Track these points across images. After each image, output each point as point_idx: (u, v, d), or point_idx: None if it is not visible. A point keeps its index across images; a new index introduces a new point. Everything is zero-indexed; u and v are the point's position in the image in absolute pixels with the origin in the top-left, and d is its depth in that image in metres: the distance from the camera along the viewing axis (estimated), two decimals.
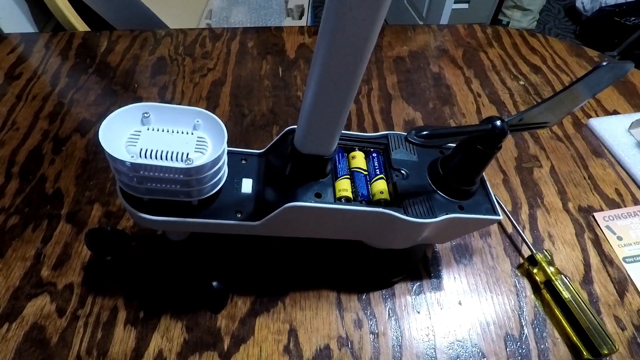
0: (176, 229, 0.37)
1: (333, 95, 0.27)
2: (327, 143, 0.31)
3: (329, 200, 0.34)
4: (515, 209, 0.53)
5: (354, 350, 0.40)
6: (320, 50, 0.25)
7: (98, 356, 0.39)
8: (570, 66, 0.75)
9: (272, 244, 0.46)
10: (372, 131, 0.61)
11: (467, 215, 0.36)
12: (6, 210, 0.49)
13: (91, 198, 0.50)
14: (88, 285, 0.43)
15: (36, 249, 0.45)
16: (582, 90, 0.30)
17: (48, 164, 0.54)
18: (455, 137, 0.32)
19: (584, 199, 0.54)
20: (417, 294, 0.44)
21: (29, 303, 0.41)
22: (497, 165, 0.58)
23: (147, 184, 0.31)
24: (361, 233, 0.38)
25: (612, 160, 0.59)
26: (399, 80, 0.71)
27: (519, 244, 0.49)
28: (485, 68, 0.74)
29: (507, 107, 0.67)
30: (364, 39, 0.23)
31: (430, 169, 0.37)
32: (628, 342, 0.42)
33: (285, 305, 0.43)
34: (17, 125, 0.59)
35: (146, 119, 0.32)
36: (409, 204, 0.35)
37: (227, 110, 0.63)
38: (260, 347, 0.40)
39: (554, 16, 2.41)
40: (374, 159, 0.38)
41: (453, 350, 0.41)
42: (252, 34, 0.78)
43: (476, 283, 0.46)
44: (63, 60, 0.71)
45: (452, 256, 0.48)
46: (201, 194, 0.32)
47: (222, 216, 0.34)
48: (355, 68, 0.25)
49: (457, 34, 0.82)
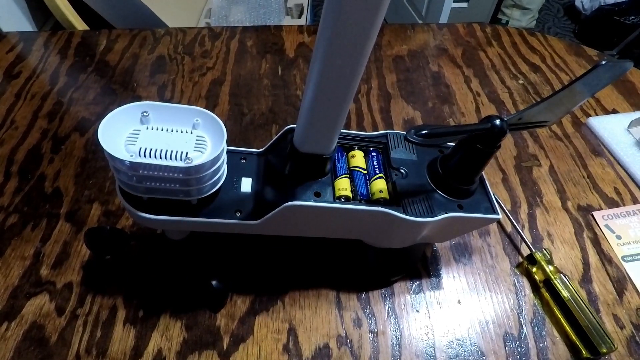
0: (175, 228, 0.37)
1: (332, 94, 0.27)
2: (326, 142, 0.31)
3: (328, 200, 0.34)
4: (515, 208, 0.53)
5: (353, 349, 0.40)
6: (320, 49, 0.25)
7: (97, 355, 0.39)
8: (569, 65, 0.75)
9: (272, 243, 0.46)
10: (371, 130, 0.61)
11: (466, 214, 0.36)
12: (5, 209, 0.49)
13: (90, 197, 0.50)
14: (87, 284, 0.43)
15: (35, 248, 0.45)
16: (581, 89, 0.31)
17: (47, 163, 0.54)
18: (455, 136, 0.32)
19: (583, 198, 0.54)
20: (417, 293, 0.45)
21: (28, 302, 0.41)
22: (496, 164, 0.58)
23: (147, 183, 0.31)
24: (360, 232, 0.38)
25: (611, 159, 0.59)
26: (398, 79, 0.71)
27: (518, 243, 0.49)
28: (484, 67, 0.74)
29: (507, 106, 0.67)
30: (364, 38, 0.23)
31: (430, 168, 0.37)
32: (627, 341, 0.42)
33: (285, 304, 0.43)
34: (16, 124, 0.59)
35: (145, 118, 0.32)
36: (408, 203, 0.35)
37: (226, 109, 0.63)
38: (260, 346, 0.40)
39: (553, 15, 2.41)
40: (374, 158, 0.38)
41: (452, 349, 0.41)
42: (252, 33, 0.78)
43: (475, 282, 0.46)
44: (62, 59, 0.70)
45: (451, 255, 0.48)
46: (200, 193, 0.32)
47: (222, 215, 0.34)
48: (354, 67, 0.25)
49: (457, 33, 0.82)
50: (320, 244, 0.40)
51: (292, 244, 0.46)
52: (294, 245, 0.46)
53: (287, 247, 0.46)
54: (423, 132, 0.30)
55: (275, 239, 0.39)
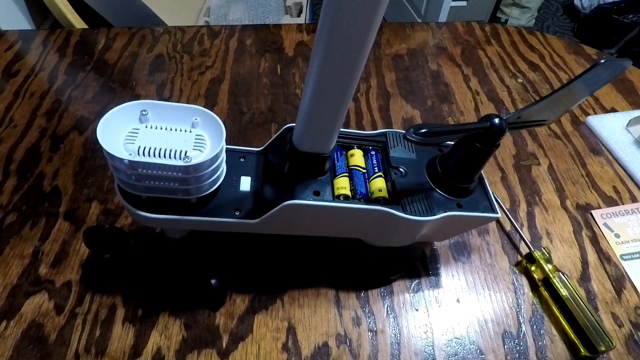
0: (175, 227, 0.37)
1: (331, 93, 0.27)
2: (325, 141, 0.31)
3: (328, 199, 0.34)
4: (514, 206, 0.53)
5: (352, 347, 0.40)
6: (319, 47, 0.24)
7: (96, 354, 0.39)
8: (568, 64, 0.75)
9: (271, 242, 0.46)
10: (370, 129, 0.61)
11: (465, 213, 0.36)
12: (4, 208, 0.49)
13: (89, 196, 0.50)
14: (86, 283, 0.43)
15: (34, 247, 0.45)
16: (580, 88, 0.31)
17: (46, 162, 0.54)
18: (454, 135, 0.32)
19: (581, 197, 0.54)
20: (416, 292, 0.45)
21: (27, 301, 0.41)
22: (495, 163, 0.58)
23: (146, 181, 0.31)
24: (359, 231, 0.38)
25: (610, 158, 0.59)
26: (397, 78, 0.71)
27: (517, 241, 0.49)
28: (483, 66, 0.74)
29: (506, 105, 0.67)
30: (363, 36, 0.23)
31: (429, 167, 0.37)
32: (625, 339, 0.42)
33: (284, 303, 0.43)
34: (14, 123, 0.59)
35: (144, 117, 0.32)
36: (408, 202, 0.35)
37: (225, 108, 0.63)
38: (259, 344, 0.40)
39: (552, 14, 2.41)
40: (373, 157, 0.38)
41: (451, 348, 0.41)
42: (251, 32, 0.78)
43: (474, 281, 0.46)
44: (61, 57, 0.70)
45: (450, 254, 0.48)
46: (199, 191, 0.32)
47: (221, 214, 0.34)
48: (353, 66, 0.25)
49: (456, 31, 0.82)
50: (319, 242, 0.40)
51: (291, 243, 0.46)
52: (293, 244, 0.46)
53: (287, 245, 0.46)
54: (422, 130, 0.30)
55: (275, 238, 0.39)
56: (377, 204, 0.34)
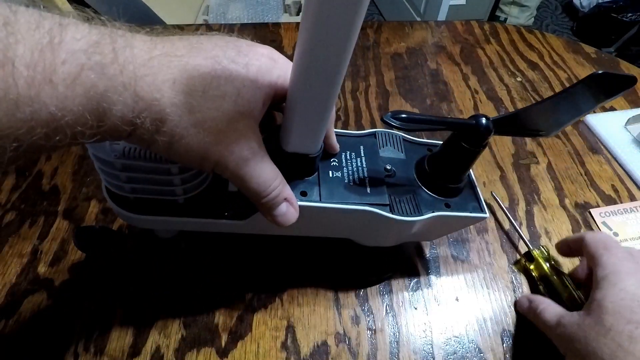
0: (163, 228, 0.37)
1: (315, 92, 0.26)
2: (311, 142, 0.31)
3: (315, 199, 0.33)
4: (512, 205, 0.53)
5: (351, 346, 0.40)
6: (302, 44, 0.24)
7: (95, 353, 0.39)
8: (567, 62, 0.75)
9: (271, 242, 0.46)
10: (369, 128, 0.61)
11: (453, 213, 0.36)
12: (2, 207, 0.48)
13: (88, 195, 0.50)
14: (85, 281, 0.43)
15: (33, 246, 0.45)
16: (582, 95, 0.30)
17: (44, 160, 0.54)
18: (433, 125, 0.32)
19: (580, 195, 0.54)
20: (414, 290, 0.45)
21: (25, 300, 0.41)
22: (494, 161, 0.58)
23: (132, 183, 0.31)
24: (348, 231, 0.38)
25: (609, 157, 0.59)
26: (396, 76, 0.71)
27: (516, 240, 0.49)
28: (482, 64, 0.74)
29: (505, 104, 0.67)
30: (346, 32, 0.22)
31: (418, 167, 0.37)
32: None
33: (283, 301, 0.43)
34: None
35: None
36: (396, 202, 0.35)
37: None
38: (258, 343, 0.40)
39: (551, 12, 2.41)
40: None
41: (450, 346, 0.41)
42: (250, 30, 0.78)
43: (473, 279, 0.46)
44: None
45: (449, 252, 0.48)
46: (186, 192, 0.32)
47: (209, 214, 0.33)
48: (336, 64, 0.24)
49: (455, 30, 0.82)
50: (317, 241, 0.40)
51: (290, 242, 0.46)
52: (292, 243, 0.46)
53: (285, 245, 0.46)
54: (400, 116, 0.30)
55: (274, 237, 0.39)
56: (365, 204, 0.34)
